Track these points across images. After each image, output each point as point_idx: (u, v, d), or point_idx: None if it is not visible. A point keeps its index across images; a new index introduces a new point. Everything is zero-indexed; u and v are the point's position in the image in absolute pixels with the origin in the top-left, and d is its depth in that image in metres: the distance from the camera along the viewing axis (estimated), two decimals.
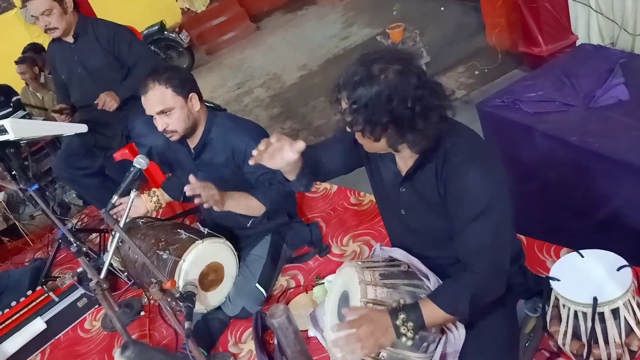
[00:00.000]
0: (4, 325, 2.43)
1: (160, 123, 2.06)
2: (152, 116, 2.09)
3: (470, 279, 1.39)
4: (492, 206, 1.36)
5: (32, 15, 2.92)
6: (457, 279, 1.43)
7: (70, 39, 3.05)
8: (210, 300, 2.12)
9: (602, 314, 1.39)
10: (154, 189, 2.38)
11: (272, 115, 5.76)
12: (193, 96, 2.08)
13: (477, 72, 4.58)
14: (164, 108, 2.03)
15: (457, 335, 1.46)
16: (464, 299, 1.36)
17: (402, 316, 1.35)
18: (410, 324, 1.35)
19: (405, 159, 1.50)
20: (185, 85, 2.06)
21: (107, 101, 2.92)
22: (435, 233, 1.54)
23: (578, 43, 3.76)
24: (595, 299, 1.37)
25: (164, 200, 2.37)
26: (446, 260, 1.53)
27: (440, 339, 1.46)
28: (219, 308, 2.17)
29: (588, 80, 2.49)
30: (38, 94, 5.33)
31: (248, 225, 2.23)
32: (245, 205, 2.11)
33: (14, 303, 2.49)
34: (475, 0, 5.04)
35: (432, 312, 1.37)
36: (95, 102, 2.93)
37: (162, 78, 2.01)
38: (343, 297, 1.60)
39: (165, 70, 2.05)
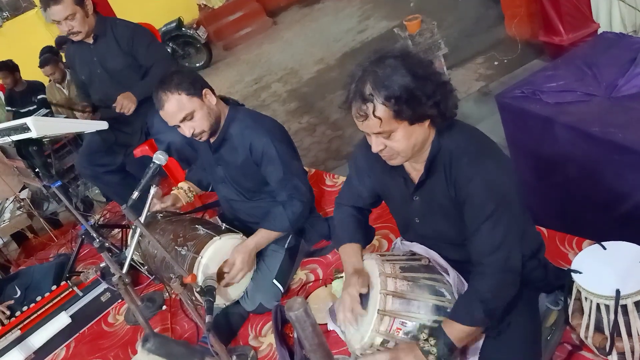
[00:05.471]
0: (29, 319, 2.47)
1: (186, 129, 2.06)
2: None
3: (478, 285, 1.41)
4: (502, 207, 1.38)
5: (54, 20, 2.91)
6: (467, 290, 1.47)
7: (90, 40, 3.05)
8: (230, 294, 2.14)
9: (625, 307, 1.37)
10: (181, 183, 2.54)
11: (290, 109, 5.77)
12: (206, 92, 2.07)
13: (496, 63, 4.52)
14: (186, 114, 2.02)
15: None
16: (475, 306, 1.38)
17: (432, 341, 1.39)
18: (440, 346, 1.38)
19: (415, 165, 1.51)
20: (196, 84, 2.04)
21: (125, 104, 2.92)
22: (450, 238, 1.55)
23: (599, 31, 3.69)
24: (618, 292, 1.35)
25: (195, 191, 2.55)
26: (463, 259, 1.53)
27: None
28: (237, 302, 2.19)
29: (610, 70, 2.44)
30: (64, 90, 5.42)
31: None
32: (274, 238, 2.19)
33: (39, 298, 2.54)
34: None
35: (455, 330, 1.39)
36: (113, 105, 2.94)
37: (171, 86, 2.00)
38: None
39: (172, 78, 2.02)
